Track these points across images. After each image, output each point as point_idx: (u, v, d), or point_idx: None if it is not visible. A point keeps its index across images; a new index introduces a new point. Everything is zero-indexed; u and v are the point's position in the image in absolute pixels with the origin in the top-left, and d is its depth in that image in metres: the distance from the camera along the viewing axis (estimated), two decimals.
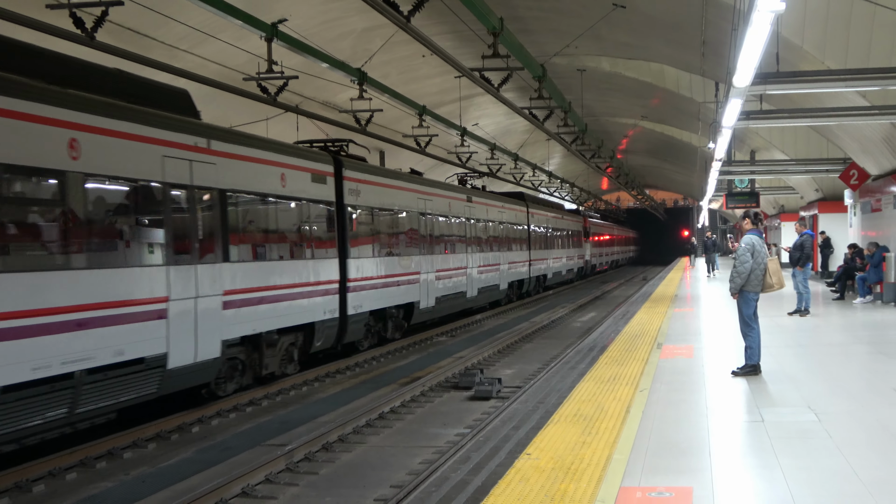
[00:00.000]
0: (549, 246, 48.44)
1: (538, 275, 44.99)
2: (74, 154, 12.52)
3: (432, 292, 27.31)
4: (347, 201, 21.46)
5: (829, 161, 32.64)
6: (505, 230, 37.74)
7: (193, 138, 15.35)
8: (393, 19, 15.76)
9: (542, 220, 46.51)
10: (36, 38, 13.79)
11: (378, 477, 11.64)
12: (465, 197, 32.28)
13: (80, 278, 12.53)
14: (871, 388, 12.61)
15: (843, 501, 7.40)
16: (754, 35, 11.55)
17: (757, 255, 13.47)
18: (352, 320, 21.15)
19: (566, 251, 54.21)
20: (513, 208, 40.17)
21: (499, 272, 36.10)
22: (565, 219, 54.70)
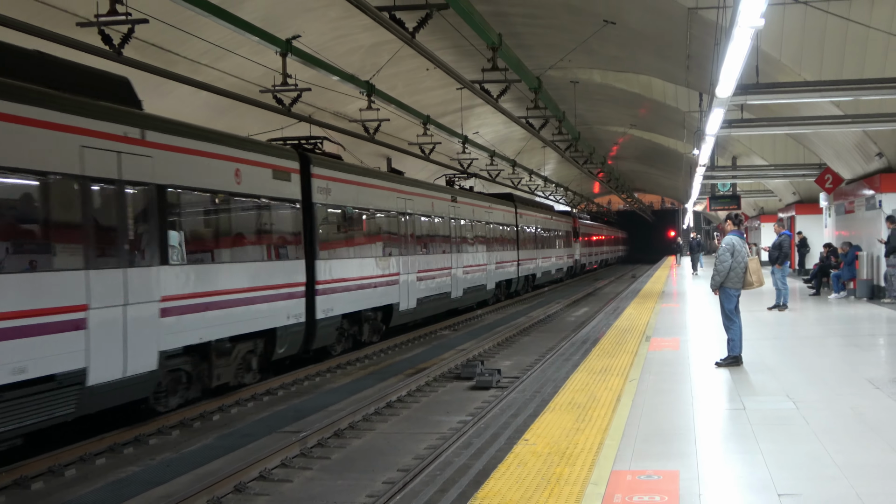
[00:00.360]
0: (539, 245, 46.02)
1: (527, 274, 42.76)
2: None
3: (413, 293, 25.15)
4: (316, 200, 19.15)
5: (806, 166, 32.64)
6: (492, 230, 35.63)
7: (123, 127, 12.91)
8: (399, 35, 15.77)
9: (530, 220, 44.18)
10: (67, 53, 13.78)
11: (386, 461, 11.64)
12: (450, 197, 30.15)
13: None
14: (846, 378, 12.59)
15: (820, 483, 7.39)
16: (736, 49, 11.56)
17: (737, 255, 13.51)
18: (321, 324, 18.89)
19: (556, 251, 51.85)
20: (500, 209, 37.86)
21: (485, 272, 33.99)
22: (555, 219, 52.37)
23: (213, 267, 15.19)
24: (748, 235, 60.39)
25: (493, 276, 35.21)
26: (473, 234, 32.45)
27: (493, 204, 36.52)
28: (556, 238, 52.28)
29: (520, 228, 41.11)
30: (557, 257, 52.34)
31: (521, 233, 41.49)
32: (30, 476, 10.93)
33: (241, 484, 10.39)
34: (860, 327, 19.58)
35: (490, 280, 34.68)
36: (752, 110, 23.71)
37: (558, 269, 52.69)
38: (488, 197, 36.93)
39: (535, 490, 7.29)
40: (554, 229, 51.34)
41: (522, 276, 41.39)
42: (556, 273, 51.76)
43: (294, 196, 18.31)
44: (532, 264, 43.68)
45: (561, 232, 54.10)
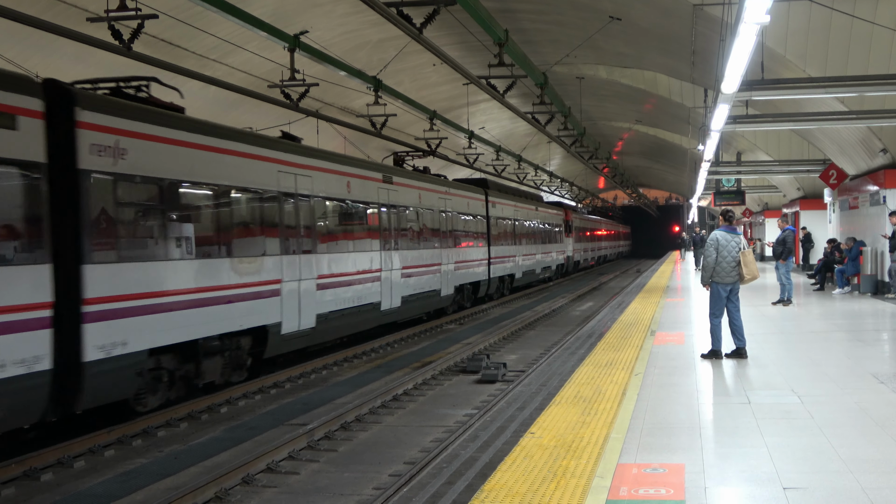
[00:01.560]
0: (519, 241, 39.41)
1: (502, 275, 36.07)
2: None
3: (310, 308, 18.09)
4: (90, 165, 12.08)
5: (810, 162, 32.54)
6: (450, 221, 28.72)
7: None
8: (406, 31, 15.75)
9: (508, 210, 37.42)
10: (76, 48, 13.79)
11: (393, 454, 11.64)
12: (380, 176, 22.81)
13: None
14: (850, 372, 12.56)
15: (825, 477, 7.37)
16: (741, 45, 11.52)
17: (722, 250, 13.64)
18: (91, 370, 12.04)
19: (542, 246, 45.10)
20: (464, 195, 30.72)
21: (439, 274, 27.15)
22: (541, 210, 45.81)
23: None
24: (751, 231, 60.44)
25: (452, 279, 28.55)
26: (420, 225, 25.78)
27: (454, 189, 29.67)
28: (544, 232, 45.94)
29: (492, 220, 34.45)
30: (544, 254, 45.84)
31: (495, 225, 34.82)
32: (39, 467, 10.94)
33: (248, 476, 10.40)
34: (864, 322, 19.54)
35: (446, 283, 27.91)
36: (756, 106, 23.64)
37: (545, 268, 46.33)
38: (445, 181, 29.80)
39: (541, 483, 7.28)
40: (540, 222, 45.08)
41: (496, 276, 34.71)
42: (542, 272, 45.33)
43: (25, 156, 11.06)
44: (509, 263, 37.09)
45: (549, 225, 47.86)
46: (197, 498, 9.47)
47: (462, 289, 30.26)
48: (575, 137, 35.75)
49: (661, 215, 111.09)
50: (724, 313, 13.85)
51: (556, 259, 49.42)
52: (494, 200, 35.09)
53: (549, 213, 48.10)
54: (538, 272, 44.01)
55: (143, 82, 14.53)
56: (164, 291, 13.53)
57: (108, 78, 14.17)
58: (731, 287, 13.76)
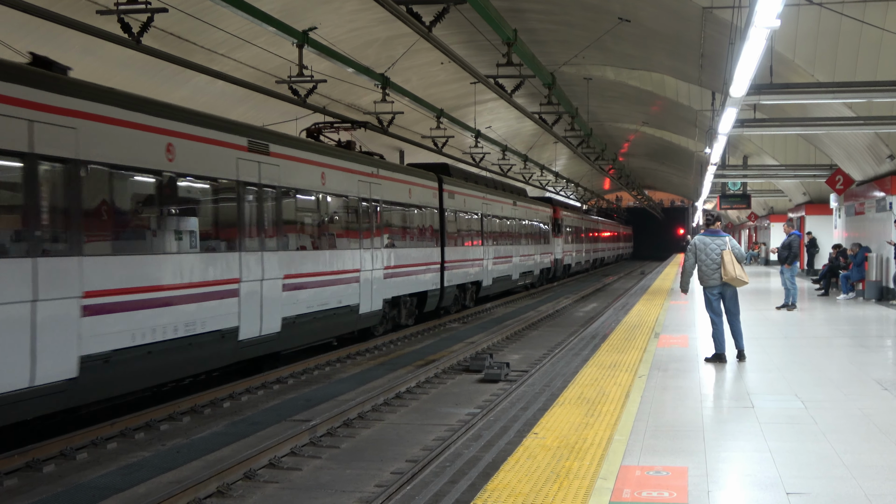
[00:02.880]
0: (490, 240, 32.72)
1: (464, 282, 29.52)
2: None
3: (110, 338, 12.06)
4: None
5: (817, 167, 32.54)
6: (380, 214, 21.85)
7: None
8: (415, 29, 15.75)
9: (474, 203, 30.86)
10: (85, 40, 13.80)
11: (395, 452, 11.63)
12: (244, 143, 15.55)
13: None
14: (854, 378, 12.54)
15: (828, 483, 7.36)
16: (750, 49, 11.50)
17: (700, 254, 13.79)
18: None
19: (521, 248, 38.67)
20: (405, 180, 24.09)
21: (356, 284, 20.18)
22: (521, 206, 39.13)
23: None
24: (756, 235, 60.38)
25: (381, 290, 21.76)
26: (324, 217, 19.18)
27: (387, 171, 22.76)
28: (524, 231, 39.80)
29: (449, 214, 27.94)
30: (525, 256, 39.43)
31: (453, 221, 28.48)
32: (42, 459, 10.94)
33: (250, 471, 10.40)
34: (868, 328, 19.51)
35: (369, 297, 21.00)
36: (764, 110, 23.64)
37: (525, 273, 39.66)
38: (380, 161, 22.81)
39: (544, 483, 7.28)
40: (520, 219, 38.82)
41: (453, 284, 28.10)
42: (521, 278, 38.83)
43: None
44: (473, 267, 30.51)
45: (533, 223, 41.82)
46: (199, 492, 9.48)
47: (398, 302, 23.47)
48: (581, 138, 35.74)
49: (665, 218, 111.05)
50: (724, 314, 13.85)
51: (539, 262, 43.14)
52: (453, 190, 28.41)
53: (531, 208, 41.81)
54: (515, 278, 37.54)
55: None
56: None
57: None
58: (719, 290, 13.79)
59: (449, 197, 28.06)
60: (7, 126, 10.49)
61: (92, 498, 9.74)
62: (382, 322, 22.52)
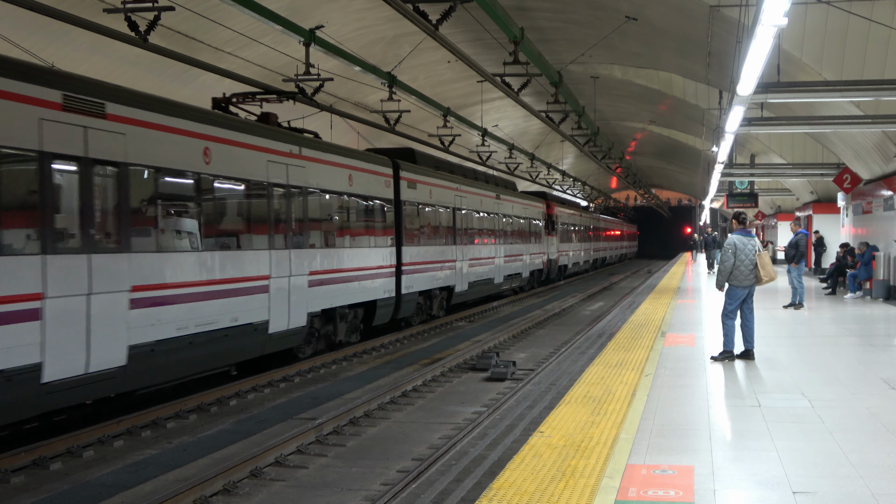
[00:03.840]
0: (462, 239, 28.34)
1: (429, 287, 25.28)
2: None
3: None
4: None
5: (824, 166, 32.46)
6: (302, 205, 17.45)
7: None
8: (422, 27, 15.75)
9: (443, 196, 26.63)
10: (92, 38, 13.81)
11: (401, 450, 11.63)
12: (58, 99, 11.22)
13: None
14: (861, 377, 12.51)
15: (835, 482, 7.34)
16: (757, 47, 11.47)
17: (739, 254, 13.63)
18: None
19: (506, 247, 34.28)
20: (343, 165, 19.55)
21: (265, 296, 15.86)
22: (505, 200, 34.64)
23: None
24: (763, 233, 60.30)
25: (303, 302, 17.24)
26: (207, 211, 14.60)
27: (313, 151, 18.21)
28: (510, 228, 35.30)
29: (408, 208, 23.73)
30: (510, 257, 35.00)
31: (413, 216, 24.24)
32: (48, 457, 10.96)
33: (256, 469, 10.41)
34: (876, 327, 19.47)
35: (285, 311, 16.57)
36: (771, 108, 23.58)
37: (511, 276, 35.31)
38: (308, 139, 18.46)
39: (550, 482, 7.27)
40: (505, 214, 34.46)
41: (413, 291, 23.78)
42: (506, 281, 34.58)
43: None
44: (442, 271, 26.36)
45: (521, 219, 37.51)
46: (205, 490, 9.49)
47: (333, 315, 19.04)
48: (588, 137, 35.70)
49: (673, 216, 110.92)
50: (738, 316, 13.86)
51: (529, 263, 38.72)
52: (413, 179, 24.23)
53: (520, 203, 37.45)
54: (499, 281, 33.17)
55: None
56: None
57: None
58: (748, 290, 13.77)
59: (409, 187, 23.81)
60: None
61: (98, 496, 9.76)
62: (310, 341, 18.32)
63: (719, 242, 46.54)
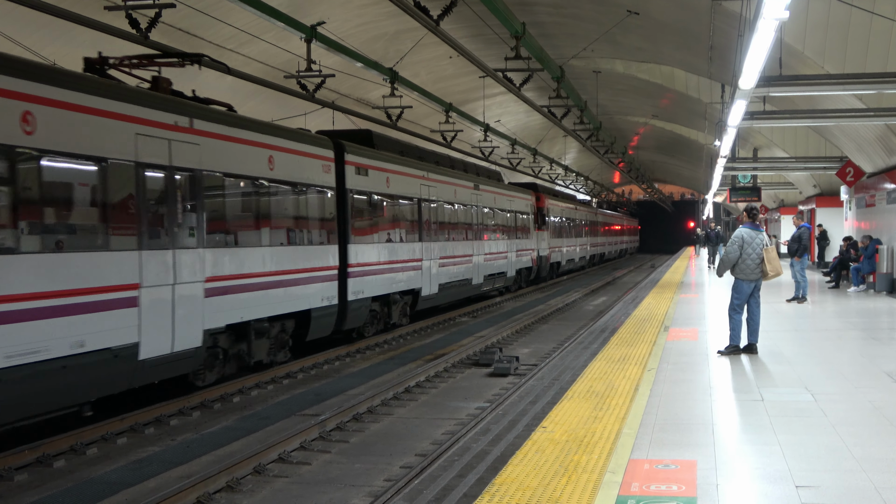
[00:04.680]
0: (430, 235, 24.80)
1: (387, 292, 21.70)
2: None
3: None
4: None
5: (827, 159, 32.42)
6: (198, 196, 14.06)
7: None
8: (423, 23, 15.74)
9: (403, 185, 22.97)
10: (93, 36, 13.80)
11: (404, 446, 11.64)
12: None
13: None
14: (865, 371, 12.50)
15: (838, 476, 7.34)
16: (759, 41, 11.46)
17: (746, 247, 13.63)
18: None
19: (487, 244, 30.77)
20: (258, 143, 15.86)
21: (135, 311, 12.38)
22: (485, 191, 30.94)
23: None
24: (767, 227, 60.24)
25: (196, 316, 13.77)
26: (33, 200, 11.01)
27: (210, 126, 14.47)
28: (492, 223, 31.94)
29: (356, 199, 20.05)
30: (492, 255, 31.55)
31: (364, 209, 20.83)
32: (52, 454, 10.98)
33: (260, 465, 10.41)
34: (879, 321, 19.44)
35: (168, 329, 13.09)
36: (774, 102, 23.55)
37: (494, 276, 31.84)
38: (198, 108, 14.46)
39: (552, 477, 7.27)
40: (484, 207, 30.72)
41: (364, 297, 20.16)
42: (487, 282, 30.84)
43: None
44: (404, 272, 22.84)
45: (505, 213, 33.97)
46: (209, 487, 9.49)
47: (245, 331, 15.36)
48: (591, 132, 35.67)
49: (675, 211, 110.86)
50: (745, 310, 13.85)
51: (515, 261, 35.34)
52: (363, 164, 20.47)
53: (504, 195, 34.06)
54: (478, 282, 29.62)
55: None
56: None
57: None
58: (755, 284, 13.78)
59: (358, 173, 20.09)
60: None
61: (102, 493, 9.77)
62: (212, 365, 14.76)
63: (722, 237, 46.51)
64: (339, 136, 20.41)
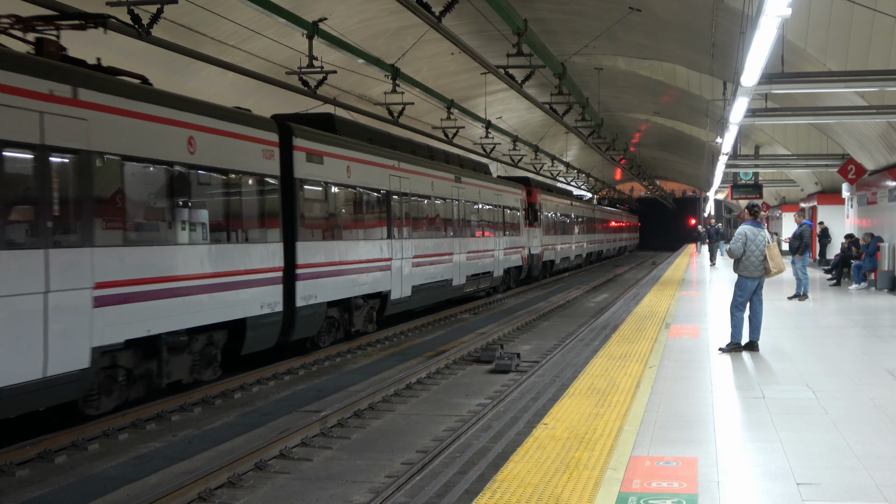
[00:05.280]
0: (399, 231, 22.03)
1: (348, 296, 19.24)
2: None
3: None
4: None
5: (829, 157, 32.42)
6: (107, 184, 12.11)
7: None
8: (425, 19, 15.73)
9: (366, 176, 20.22)
10: (94, 32, 13.78)
11: (405, 442, 11.64)
12: None
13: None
14: (866, 368, 12.51)
15: (839, 473, 7.34)
16: (761, 38, 11.45)
17: (749, 244, 13.64)
18: None
19: (470, 241, 28.29)
20: (187, 124, 13.67)
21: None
22: (468, 184, 28.31)
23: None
24: (769, 225, 60.22)
25: (87, 330, 11.34)
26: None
27: (106, 98, 11.91)
28: (476, 218, 29.39)
29: (306, 191, 17.50)
30: (476, 253, 28.96)
31: (317, 203, 18.30)
32: (53, 450, 10.99)
33: (261, 461, 10.42)
34: (880, 318, 19.44)
35: (39, 348, 10.54)
36: (775, 99, 23.54)
37: (478, 276, 29.23)
38: (95, 77, 11.99)
39: (553, 474, 7.28)
40: (467, 202, 28.16)
41: (317, 303, 17.72)
42: (470, 282, 28.23)
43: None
44: (367, 275, 20.15)
45: (491, 207, 31.41)
46: (210, 482, 9.50)
47: (156, 347, 13.04)
48: (592, 128, 35.66)
49: (677, 208, 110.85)
50: (747, 308, 13.86)
51: (503, 260, 32.80)
52: (317, 150, 17.86)
53: (491, 189, 31.45)
54: (459, 283, 27.02)
55: None
56: None
57: None
58: (757, 281, 13.79)
59: (310, 161, 17.48)
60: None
61: (103, 488, 9.78)
62: (110, 389, 12.31)
63: (723, 234, 46.41)
64: (293, 119, 18.14)
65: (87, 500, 9.44)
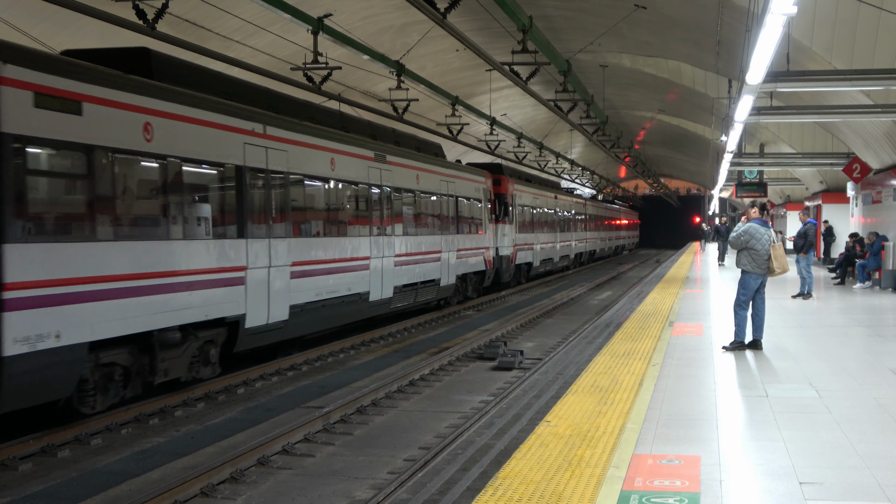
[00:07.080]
0: (259, 229, 15.18)
1: (139, 331, 12.10)
2: None
3: None
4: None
5: (834, 155, 32.37)
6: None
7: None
8: (430, 15, 15.71)
9: (187, 139, 13.27)
10: (100, 26, 13.80)
11: (408, 439, 11.65)
12: None
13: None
14: (869, 367, 12.49)
15: (842, 472, 7.33)
16: (767, 36, 11.43)
17: (755, 242, 13.60)
18: None
19: (399, 240, 21.97)
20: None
21: None
22: (395, 165, 21.82)
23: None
24: (774, 223, 60.14)
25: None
26: None
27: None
28: (410, 212, 23.21)
29: (43, 158, 10.88)
30: (412, 256, 22.96)
31: (70, 180, 11.33)
32: (56, 444, 11.01)
33: (264, 457, 10.43)
34: (884, 318, 19.42)
35: None
36: (781, 98, 23.50)
37: (415, 286, 23.15)
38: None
39: (556, 471, 7.27)
40: (392, 189, 21.63)
41: (60, 345, 10.63)
42: (400, 296, 21.99)
43: None
44: (190, 294, 13.20)
45: (437, 198, 25.45)
46: (212, 478, 9.51)
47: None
48: (597, 126, 35.65)
49: (681, 206, 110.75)
50: (750, 306, 13.84)
51: (456, 264, 26.73)
52: (55, 88, 10.72)
53: (435, 173, 25.31)
54: (381, 297, 20.72)
55: None
56: None
57: None
58: (761, 279, 13.78)
59: (42, 107, 10.50)
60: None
61: (106, 483, 9.79)
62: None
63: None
64: (79, 55, 12.75)
65: (89, 494, 9.46)
